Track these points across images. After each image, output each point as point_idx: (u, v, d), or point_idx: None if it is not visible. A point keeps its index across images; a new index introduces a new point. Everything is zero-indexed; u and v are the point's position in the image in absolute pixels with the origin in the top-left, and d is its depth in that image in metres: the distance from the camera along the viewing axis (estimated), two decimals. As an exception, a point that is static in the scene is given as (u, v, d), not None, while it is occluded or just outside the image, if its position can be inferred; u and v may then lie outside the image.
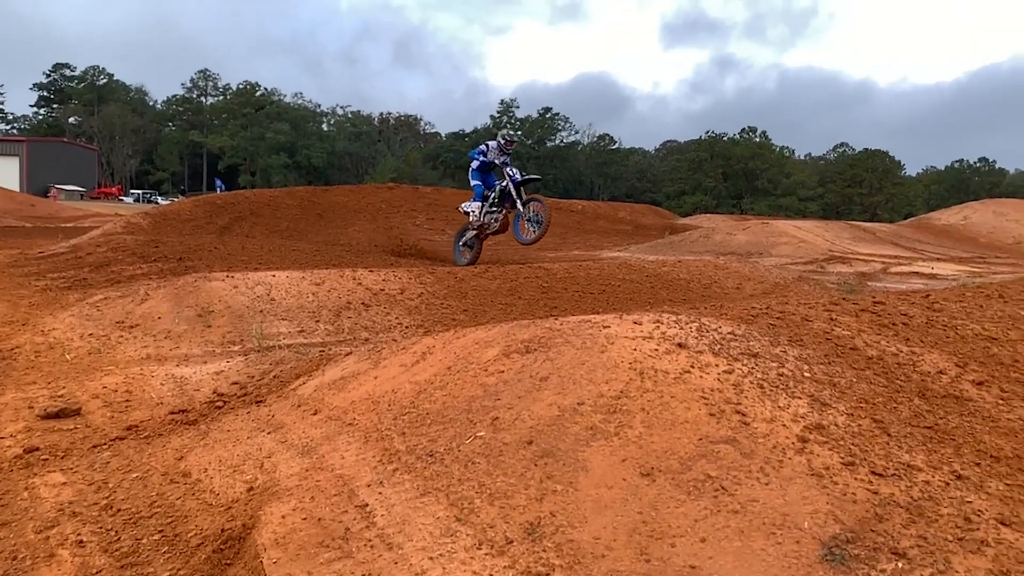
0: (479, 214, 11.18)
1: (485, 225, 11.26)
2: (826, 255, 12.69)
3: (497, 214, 11.23)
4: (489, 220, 11.25)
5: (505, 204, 11.02)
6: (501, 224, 11.21)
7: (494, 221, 11.25)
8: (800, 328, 3.33)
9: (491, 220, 11.24)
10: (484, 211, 11.20)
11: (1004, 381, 3.02)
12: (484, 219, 11.24)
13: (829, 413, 2.45)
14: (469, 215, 11.39)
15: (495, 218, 11.24)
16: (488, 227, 11.29)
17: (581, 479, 2.24)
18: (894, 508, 1.98)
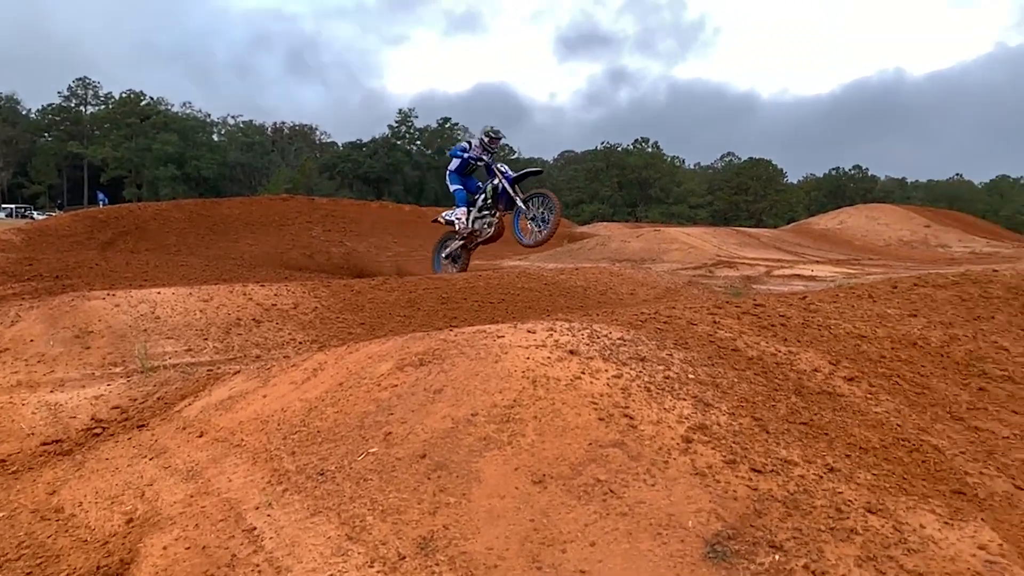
0: (467, 221, 10.04)
1: (476, 233, 10.12)
2: (714, 260, 13.22)
3: (490, 218, 10.05)
4: (481, 226, 10.09)
5: (499, 205, 9.91)
6: (496, 229, 10.05)
7: (487, 227, 10.07)
8: (686, 332, 3.44)
9: (483, 226, 10.07)
10: (473, 217, 10.08)
11: (872, 376, 3.21)
12: (474, 226, 10.09)
13: (712, 413, 2.54)
14: (455, 224, 10.21)
15: (488, 223, 10.06)
16: (480, 234, 10.12)
17: (474, 490, 2.24)
18: (772, 503, 2.07)
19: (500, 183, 9.84)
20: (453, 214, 10.26)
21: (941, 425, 2.82)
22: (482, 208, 10.10)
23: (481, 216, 10.13)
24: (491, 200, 10.02)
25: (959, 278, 5.55)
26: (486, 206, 10.07)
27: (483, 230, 10.15)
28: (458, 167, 10.34)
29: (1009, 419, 2.94)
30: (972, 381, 3.36)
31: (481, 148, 10.16)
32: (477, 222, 10.13)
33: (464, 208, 10.15)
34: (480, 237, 10.25)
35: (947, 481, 2.34)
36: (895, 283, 5.28)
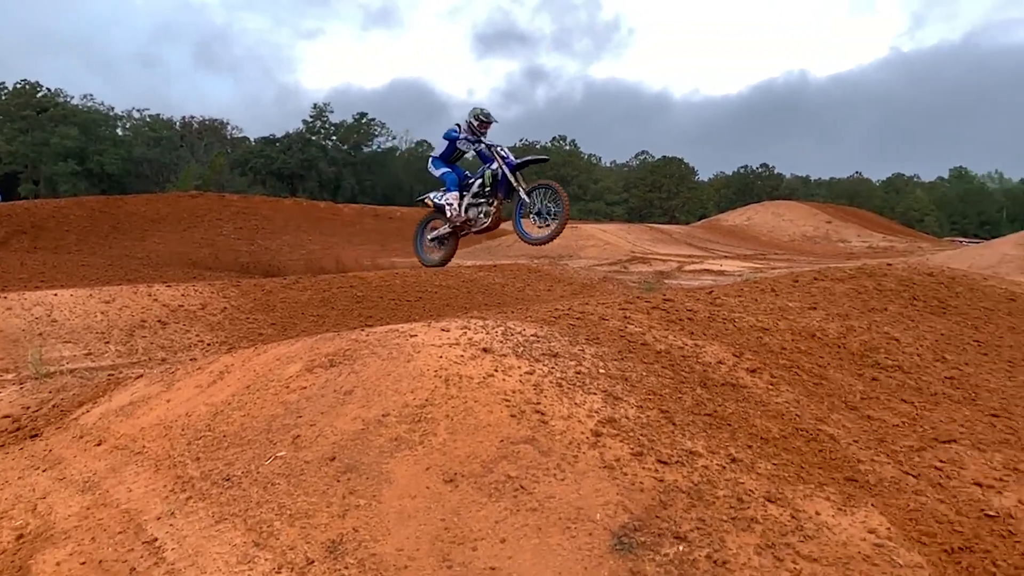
0: (459, 208, 9.12)
1: (470, 221, 9.18)
2: (629, 256, 13.49)
3: (486, 207, 9.10)
4: (476, 215, 9.14)
5: (498, 194, 9.00)
6: (493, 220, 9.15)
7: (482, 215, 9.12)
8: (597, 327, 3.50)
9: (478, 215, 9.13)
10: (466, 203, 9.15)
11: (774, 368, 3.34)
12: (468, 214, 9.14)
13: (621, 406, 2.59)
14: (446, 210, 9.25)
15: (484, 212, 9.11)
16: (475, 224, 9.19)
17: (385, 491, 2.22)
18: (677, 494, 2.13)
19: (500, 169, 8.91)
20: (443, 198, 9.35)
21: (837, 415, 2.95)
22: (477, 195, 9.19)
23: (476, 203, 9.20)
24: (489, 187, 9.08)
25: (856, 272, 5.83)
26: (482, 193, 9.15)
27: (478, 219, 9.21)
28: (444, 152, 9.49)
29: (898, 407, 3.11)
30: (866, 371, 3.53)
31: (468, 132, 9.33)
32: (471, 210, 9.20)
33: (456, 192, 9.23)
34: (475, 227, 9.33)
35: (841, 469, 2.45)
36: (796, 277, 5.50)
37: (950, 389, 3.45)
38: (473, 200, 9.24)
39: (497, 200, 9.15)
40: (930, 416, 3.06)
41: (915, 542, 2.05)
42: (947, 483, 2.46)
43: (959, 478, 2.51)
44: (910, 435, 2.85)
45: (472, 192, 9.26)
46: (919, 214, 68.37)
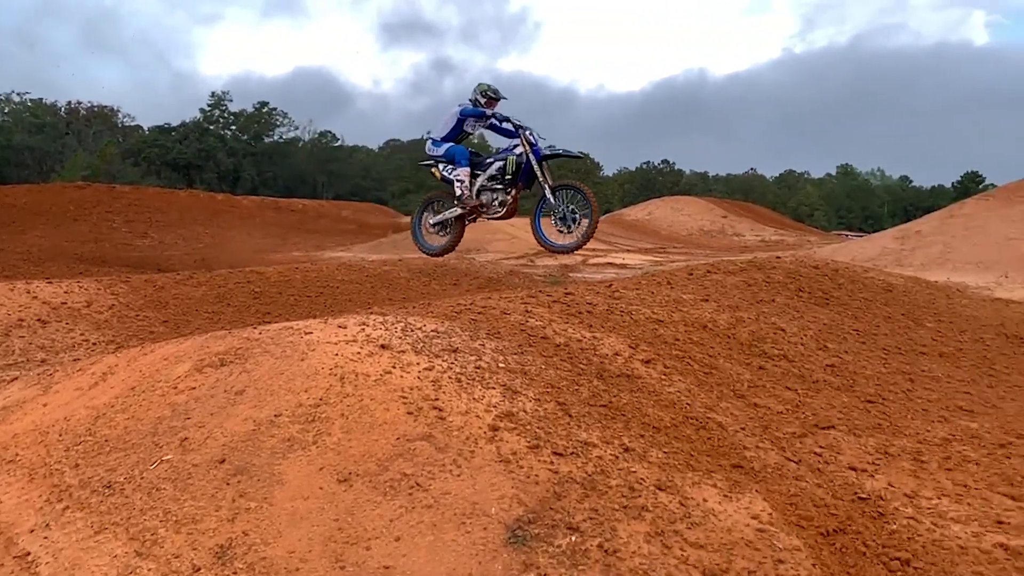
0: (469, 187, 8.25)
1: (483, 207, 8.33)
2: (535, 250, 13.61)
3: (502, 195, 8.22)
4: (489, 200, 8.27)
5: (519, 183, 8.13)
6: (508, 209, 8.35)
7: (496, 203, 8.26)
8: (499, 321, 3.51)
9: (492, 201, 8.26)
10: (479, 185, 8.30)
11: (667, 358, 3.44)
12: (480, 198, 8.28)
13: (519, 400, 2.61)
14: (455, 186, 8.34)
15: (499, 200, 8.24)
16: (487, 210, 8.36)
17: (276, 493, 2.16)
18: (572, 485, 2.16)
19: (526, 156, 7.98)
20: (454, 172, 8.41)
21: (725, 403, 3.06)
22: (494, 178, 8.27)
23: (491, 188, 8.30)
24: (511, 174, 8.14)
25: (747, 265, 6.07)
26: (501, 178, 8.23)
27: (491, 206, 8.34)
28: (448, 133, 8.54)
29: (783, 395, 3.26)
30: (754, 360, 3.69)
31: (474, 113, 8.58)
32: (485, 194, 8.32)
33: (467, 168, 8.31)
34: (487, 213, 8.49)
35: (728, 456, 2.55)
36: (691, 270, 5.68)
37: (830, 376, 3.64)
38: (488, 184, 8.30)
39: (516, 190, 8.22)
40: (811, 403, 3.23)
41: (794, 526, 2.15)
42: (825, 468, 2.60)
43: (836, 463, 2.66)
44: (793, 422, 2.99)
45: (488, 175, 8.31)
46: (809, 209, 71.87)
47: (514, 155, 8.19)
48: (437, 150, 8.73)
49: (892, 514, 2.28)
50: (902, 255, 9.72)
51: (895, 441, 2.90)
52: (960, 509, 2.35)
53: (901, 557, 2.03)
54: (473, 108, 8.51)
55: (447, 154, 8.59)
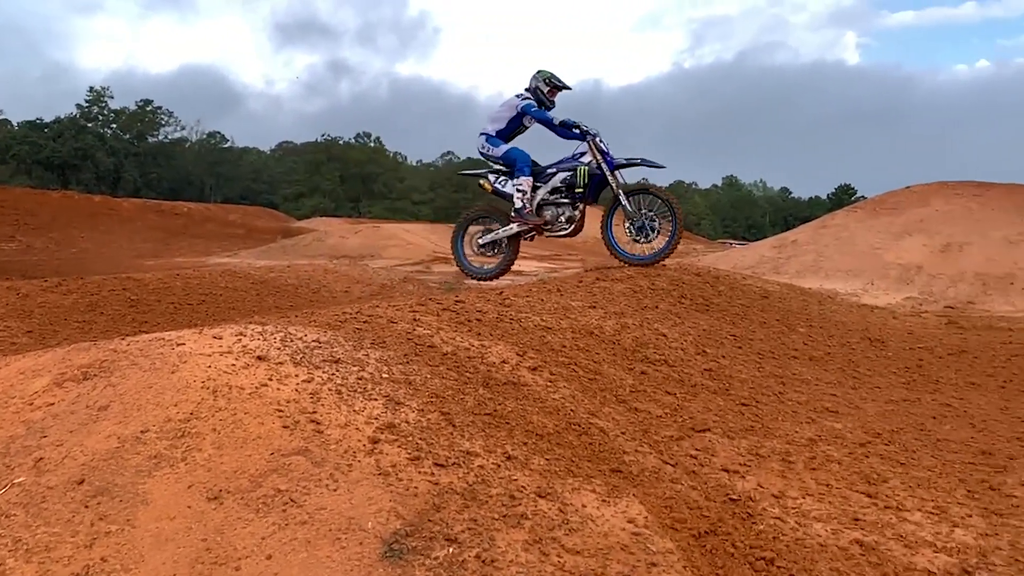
0: (529, 199, 7.12)
1: (547, 224, 7.20)
2: (431, 256, 13.55)
3: (570, 210, 7.16)
4: (554, 217, 7.18)
5: (588, 197, 7.15)
6: (576, 227, 7.24)
7: (563, 220, 7.17)
8: (385, 330, 3.46)
9: (557, 217, 7.17)
10: (539, 198, 7.20)
11: (553, 365, 3.48)
12: (544, 214, 7.16)
13: (402, 411, 2.58)
14: (514, 199, 7.18)
15: (566, 216, 7.16)
16: (552, 227, 7.22)
17: (140, 515, 2.05)
18: (452, 496, 2.15)
19: (596, 164, 7.03)
20: (513, 183, 7.24)
21: (608, 408, 3.13)
22: (557, 191, 7.24)
23: (555, 202, 7.23)
24: (583, 186, 7.12)
25: (633, 272, 6.24)
26: (567, 191, 7.21)
27: (556, 223, 7.23)
28: (504, 128, 7.37)
29: (663, 399, 3.35)
30: (636, 365, 3.78)
31: (535, 102, 7.41)
32: (549, 209, 7.23)
33: (530, 178, 7.18)
34: (552, 230, 7.30)
35: (608, 461, 2.60)
36: (580, 277, 5.79)
37: (708, 380, 3.78)
38: (551, 197, 7.25)
39: (586, 204, 7.23)
40: (689, 406, 3.34)
41: (668, 529, 2.21)
42: (700, 470, 2.69)
43: (710, 465, 2.75)
44: (671, 425, 3.09)
45: (551, 187, 7.25)
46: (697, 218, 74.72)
47: (584, 164, 7.11)
48: (496, 149, 7.40)
49: (760, 514, 2.39)
50: (779, 263, 10.24)
51: (766, 443, 3.03)
52: (822, 508, 2.48)
53: (766, 556, 2.12)
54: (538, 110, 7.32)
55: (507, 157, 7.34)
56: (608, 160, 7.00)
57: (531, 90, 7.42)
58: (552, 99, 7.45)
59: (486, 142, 7.42)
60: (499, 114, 7.48)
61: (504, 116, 7.42)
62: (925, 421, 3.59)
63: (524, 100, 7.36)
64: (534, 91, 7.41)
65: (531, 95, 7.39)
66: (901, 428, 3.46)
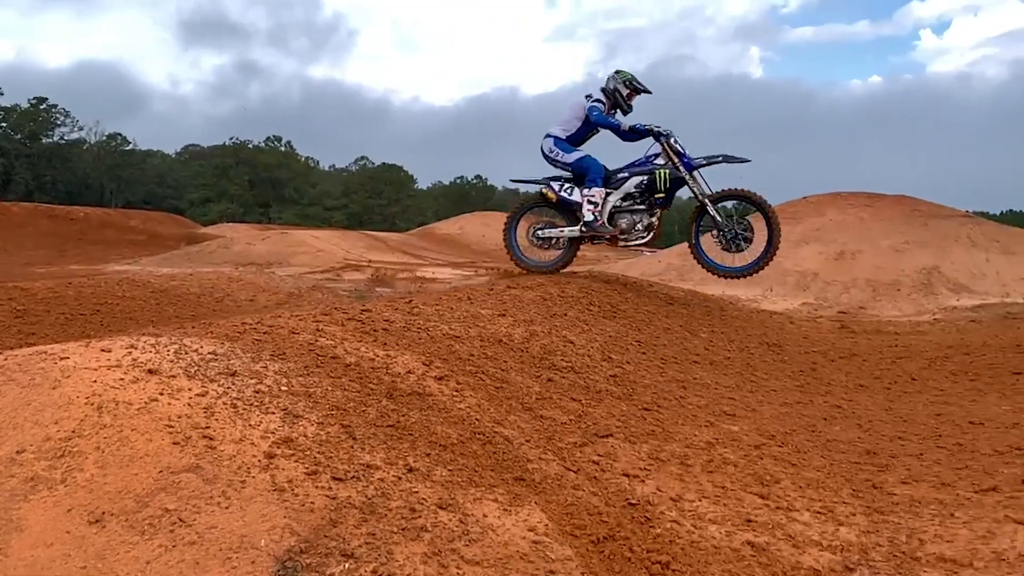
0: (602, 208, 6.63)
1: (623, 234, 6.74)
2: (342, 263, 13.34)
3: (647, 217, 6.73)
4: (629, 225, 6.72)
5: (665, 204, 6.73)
6: (654, 234, 6.80)
7: (640, 228, 6.72)
8: (285, 341, 3.38)
9: (632, 226, 6.72)
10: (611, 206, 6.70)
11: (461, 374, 3.47)
12: (619, 223, 6.71)
13: (300, 425, 2.52)
14: (584, 211, 6.68)
15: (643, 223, 6.72)
16: (627, 237, 6.76)
17: (14, 542, 1.92)
18: (350, 510, 2.11)
19: (674, 167, 6.60)
20: (584, 193, 6.74)
21: (514, 416, 3.14)
22: (631, 197, 6.77)
23: (632, 210, 6.75)
24: (664, 191, 6.66)
25: (544, 280, 6.29)
26: (642, 196, 6.74)
27: (632, 232, 6.75)
28: (575, 133, 6.91)
29: (568, 406, 3.39)
30: (544, 373, 3.81)
31: (611, 104, 6.93)
32: (623, 218, 6.75)
33: (602, 189, 6.70)
34: (628, 240, 6.82)
35: (512, 469, 2.61)
36: (491, 285, 5.81)
37: (613, 386, 3.85)
38: (624, 204, 6.76)
39: (663, 210, 6.81)
40: (594, 412, 3.39)
41: (568, 535, 2.23)
42: (601, 476, 2.73)
43: (612, 470, 2.80)
44: (575, 432, 3.12)
45: (623, 193, 6.77)
46: (611, 225, 76.06)
47: (661, 167, 6.68)
48: (566, 155, 6.91)
49: (658, 518, 2.44)
50: (685, 270, 10.52)
51: (666, 447, 3.11)
52: (717, 510, 2.55)
53: (662, 560, 2.17)
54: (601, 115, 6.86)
55: (579, 165, 6.85)
56: (685, 161, 6.60)
57: (608, 92, 6.95)
58: (631, 102, 7.01)
59: (554, 145, 6.95)
60: (567, 117, 7.03)
61: (573, 120, 6.99)
62: (816, 423, 3.76)
63: (592, 103, 6.89)
64: (612, 93, 6.95)
65: (606, 97, 6.95)
66: (794, 430, 3.60)
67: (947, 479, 2.89)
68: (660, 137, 6.68)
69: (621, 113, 7.01)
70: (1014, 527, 2.40)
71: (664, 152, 6.70)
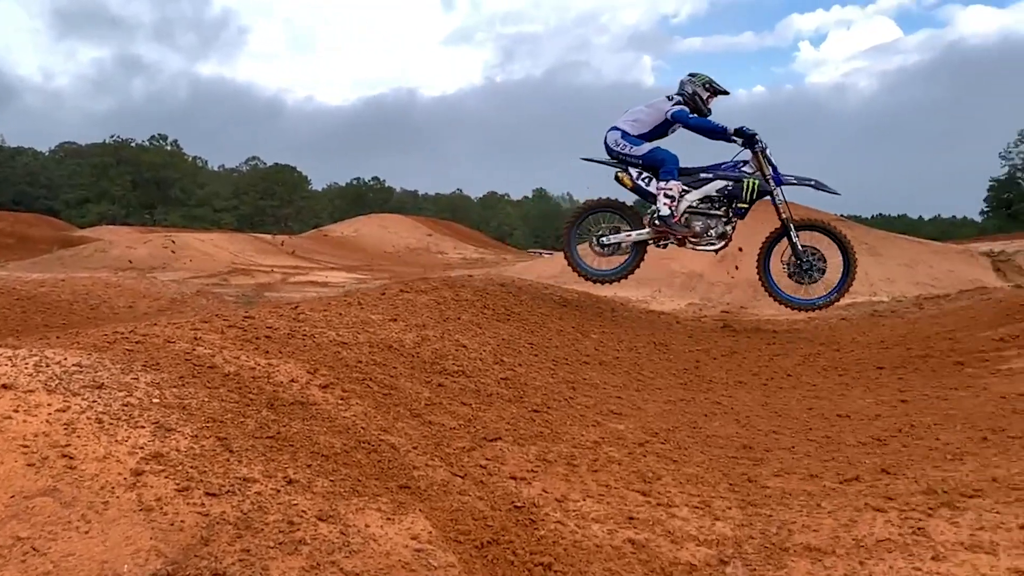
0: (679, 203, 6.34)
1: (695, 236, 6.45)
2: (230, 268, 12.88)
3: (723, 224, 6.46)
4: (703, 228, 6.44)
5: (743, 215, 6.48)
6: (726, 243, 6.54)
7: (713, 234, 6.45)
8: (160, 351, 3.22)
9: (706, 228, 6.45)
10: (685, 205, 6.41)
11: (347, 382, 3.40)
12: (693, 224, 6.41)
13: (173, 439, 2.40)
14: (659, 203, 6.39)
15: (718, 230, 6.44)
16: (698, 239, 6.47)
17: None
18: (223, 526, 2.02)
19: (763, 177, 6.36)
20: (661, 183, 6.42)
21: (402, 423, 3.10)
22: (710, 199, 6.48)
23: (707, 212, 6.48)
24: (749, 201, 6.40)
25: (439, 283, 6.27)
26: (722, 201, 6.46)
27: (705, 236, 6.48)
28: (649, 132, 6.65)
29: (458, 411, 3.38)
30: (434, 378, 3.79)
31: (692, 108, 6.72)
32: (698, 220, 6.47)
33: (678, 182, 6.41)
34: (698, 244, 6.53)
35: (397, 477, 2.57)
36: (384, 289, 5.73)
37: (503, 389, 3.86)
38: (701, 206, 6.48)
39: (735, 220, 6.52)
40: (483, 416, 3.39)
41: (452, 542, 2.22)
42: (488, 480, 2.73)
43: (499, 474, 2.81)
44: (464, 436, 3.11)
45: (703, 194, 6.49)
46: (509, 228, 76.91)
47: (750, 176, 6.44)
48: (635, 148, 6.62)
49: (542, 520, 2.46)
50: (580, 272, 10.73)
51: (553, 447, 3.14)
52: (600, 509, 2.60)
53: (544, 562, 2.18)
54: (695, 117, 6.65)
55: (652, 157, 6.57)
56: (776, 176, 6.37)
57: (687, 95, 6.74)
58: (709, 105, 6.81)
59: (621, 138, 6.66)
60: (642, 115, 6.78)
61: (648, 119, 6.74)
62: (698, 419, 3.89)
63: (677, 106, 6.65)
64: (692, 96, 6.73)
65: (685, 100, 6.74)
66: (677, 426, 3.72)
67: (815, 470, 3.05)
68: (756, 145, 6.45)
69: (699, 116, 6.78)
70: (873, 514, 2.55)
71: (754, 161, 6.49)
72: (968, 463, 3.00)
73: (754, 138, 6.44)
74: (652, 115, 6.74)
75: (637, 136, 6.70)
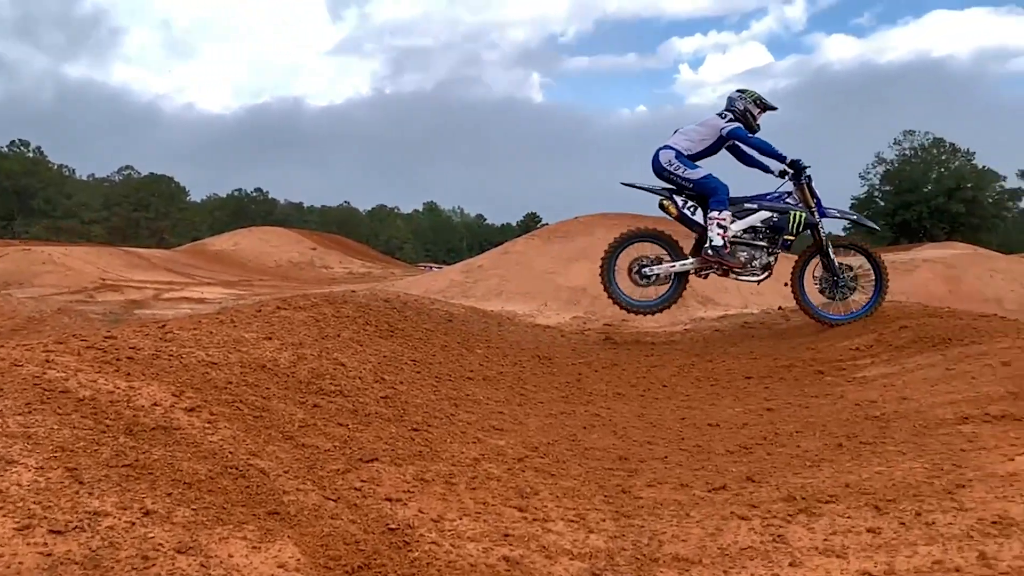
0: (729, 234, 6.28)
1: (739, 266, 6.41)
2: (96, 284, 12.12)
3: (766, 256, 6.45)
4: (748, 259, 6.42)
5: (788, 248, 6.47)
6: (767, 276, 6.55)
7: (756, 265, 6.45)
8: (5, 376, 2.98)
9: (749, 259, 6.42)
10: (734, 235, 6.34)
11: (215, 404, 3.25)
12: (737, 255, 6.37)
13: (14, 472, 2.22)
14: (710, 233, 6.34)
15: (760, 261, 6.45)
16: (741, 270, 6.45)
17: None
18: (68, 566, 1.88)
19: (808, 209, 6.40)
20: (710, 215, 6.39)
21: (273, 446, 2.99)
22: (755, 230, 6.47)
23: (750, 243, 6.46)
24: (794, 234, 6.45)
25: (319, 300, 6.12)
26: (768, 232, 6.47)
27: (749, 266, 6.48)
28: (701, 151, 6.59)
29: (333, 432, 3.29)
30: (310, 398, 3.68)
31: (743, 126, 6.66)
32: (743, 251, 6.45)
33: (730, 213, 6.37)
34: (741, 274, 6.54)
35: (265, 503, 2.47)
36: (260, 306, 5.54)
37: (383, 408, 3.80)
38: (744, 237, 6.47)
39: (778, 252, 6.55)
40: (360, 437, 3.32)
41: (322, 568, 2.15)
42: (363, 502, 2.67)
43: (374, 495, 2.75)
44: (339, 458, 3.03)
45: (747, 225, 6.48)
46: (399, 242, 76.20)
47: (796, 209, 6.46)
48: (690, 171, 6.54)
49: (417, 541, 2.42)
50: (467, 287, 10.74)
51: (432, 466, 3.11)
52: (476, 527, 2.59)
53: (417, 583, 2.15)
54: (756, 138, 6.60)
55: (705, 184, 6.49)
56: (820, 209, 6.44)
57: (738, 112, 6.69)
58: (758, 122, 6.77)
59: (675, 159, 6.53)
60: (694, 134, 6.68)
61: (702, 137, 6.65)
62: (577, 432, 3.95)
63: (732, 124, 6.60)
64: (743, 113, 6.68)
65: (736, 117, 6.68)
66: (556, 440, 3.76)
67: (686, 480, 3.15)
68: (803, 176, 6.50)
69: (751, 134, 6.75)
70: (738, 522, 2.66)
71: (797, 192, 6.55)
72: (824, 469, 3.18)
73: (804, 170, 6.53)
74: (704, 133, 6.72)
75: (689, 156, 6.66)
